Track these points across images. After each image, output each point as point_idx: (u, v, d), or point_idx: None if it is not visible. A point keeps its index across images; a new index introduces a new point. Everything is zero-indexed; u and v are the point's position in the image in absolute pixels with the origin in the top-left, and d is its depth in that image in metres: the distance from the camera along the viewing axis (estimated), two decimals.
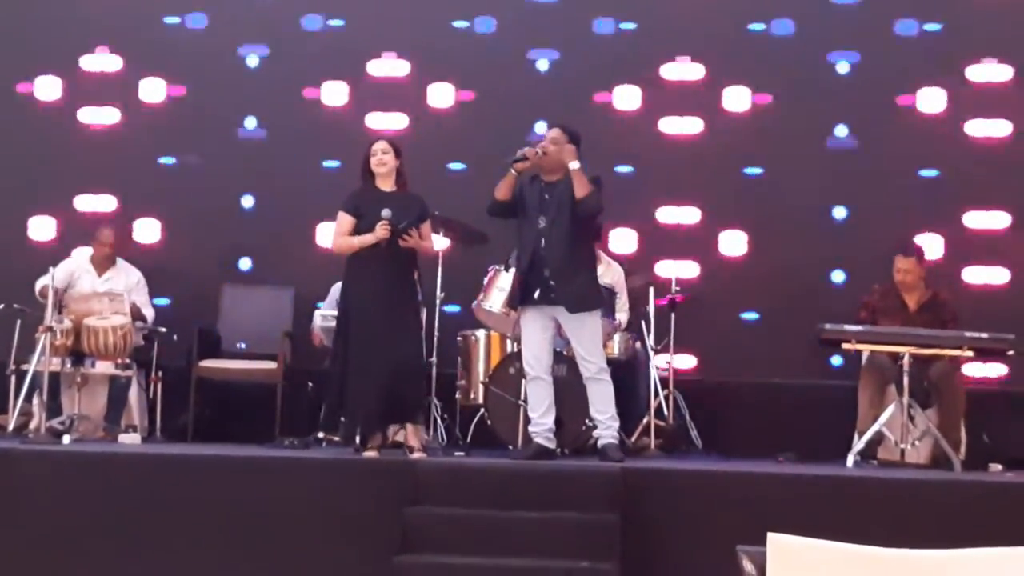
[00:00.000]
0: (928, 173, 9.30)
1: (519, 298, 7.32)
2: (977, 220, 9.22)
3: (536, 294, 7.21)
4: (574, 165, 7.13)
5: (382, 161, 7.38)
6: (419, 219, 7.36)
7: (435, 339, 8.23)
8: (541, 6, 9.76)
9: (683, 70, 9.58)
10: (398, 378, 7.14)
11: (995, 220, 9.21)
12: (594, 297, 7.34)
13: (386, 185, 7.41)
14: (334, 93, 9.80)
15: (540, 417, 7.27)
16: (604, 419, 7.24)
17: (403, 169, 7.44)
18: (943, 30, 9.42)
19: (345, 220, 7.35)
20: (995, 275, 9.18)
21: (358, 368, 7.16)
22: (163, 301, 9.43)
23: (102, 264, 8.92)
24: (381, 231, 7.18)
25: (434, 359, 8.18)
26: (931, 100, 9.35)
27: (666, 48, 9.61)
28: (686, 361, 9.16)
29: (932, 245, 8.98)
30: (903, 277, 8.02)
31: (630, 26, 9.67)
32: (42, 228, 9.78)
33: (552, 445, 7.30)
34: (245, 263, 9.76)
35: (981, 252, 9.19)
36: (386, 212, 7.20)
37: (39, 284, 8.41)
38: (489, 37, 9.78)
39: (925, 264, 8.11)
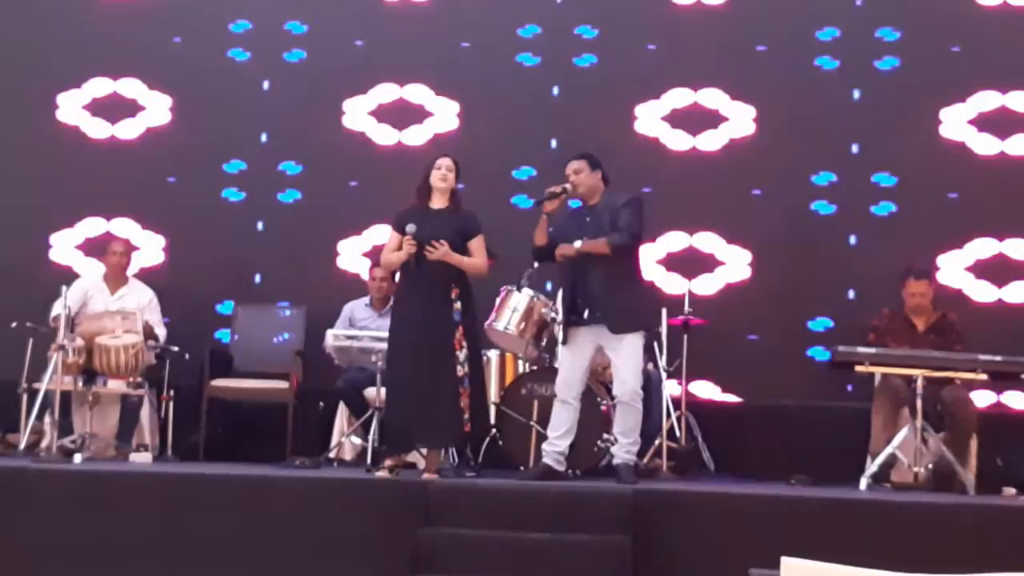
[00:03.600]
0: (943, 195, 9.28)
1: (568, 323, 7.31)
2: (988, 244, 9.22)
3: (586, 313, 7.25)
4: (576, 245, 7.17)
5: (445, 177, 7.34)
6: (460, 234, 7.27)
7: None
8: (552, 25, 9.79)
9: (695, 91, 9.59)
10: (428, 401, 7.09)
11: (1008, 245, 9.21)
12: (637, 317, 7.33)
13: (438, 203, 7.35)
14: (351, 113, 9.81)
15: (557, 438, 7.28)
16: (625, 442, 7.24)
17: (456, 189, 7.42)
18: (962, 52, 9.40)
19: (393, 237, 7.37)
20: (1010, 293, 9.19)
21: (391, 389, 7.20)
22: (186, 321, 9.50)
23: (115, 282, 8.94)
24: (407, 246, 7.17)
25: None
26: (945, 122, 9.35)
27: (678, 69, 9.62)
28: (699, 384, 9.12)
29: (946, 267, 8.99)
30: (918, 301, 8.01)
31: (648, 47, 9.69)
32: (54, 247, 9.80)
33: (561, 468, 7.31)
34: (258, 282, 9.76)
35: (990, 275, 9.18)
36: (410, 227, 7.17)
37: (52, 311, 8.43)
38: (501, 56, 9.79)
39: (935, 286, 8.10)
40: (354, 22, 9.95)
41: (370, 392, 8.14)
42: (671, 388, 8.39)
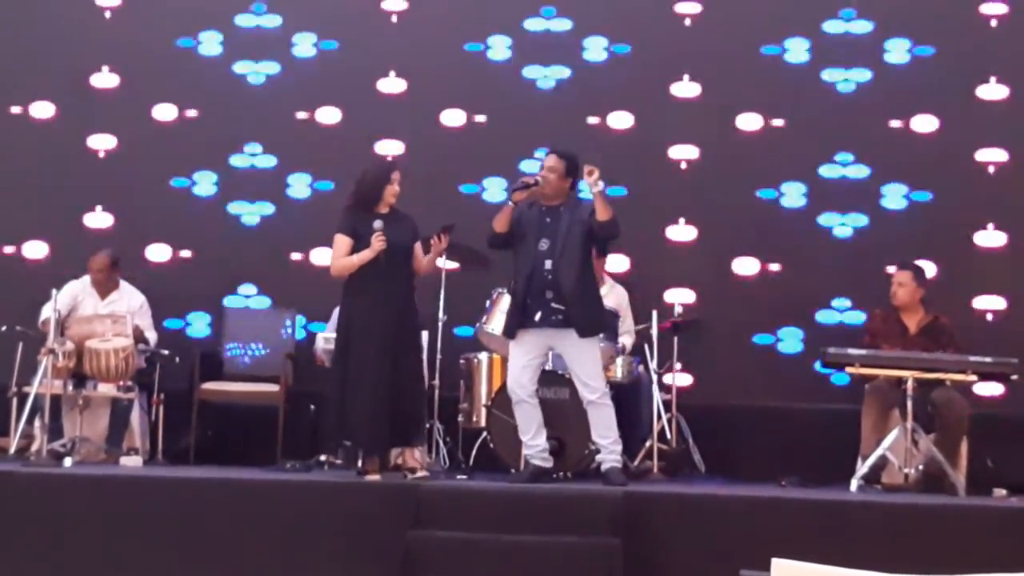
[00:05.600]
0: (931, 196, 9.31)
1: (516, 322, 7.27)
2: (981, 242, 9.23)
3: (537, 316, 7.20)
4: (599, 186, 7.10)
5: (398, 192, 7.40)
6: (414, 236, 7.40)
7: (438, 361, 8.23)
8: (541, 30, 9.79)
9: (684, 92, 9.59)
10: (401, 400, 7.15)
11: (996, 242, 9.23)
12: (603, 322, 7.42)
13: (383, 208, 7.41)
14: (337, 115, 9.81)
15: (531, 439, 7.27)
16: (607, 444, 7.21)
17: None
18: (942, 53, 9.43)
19: (344, 242, 7.32)
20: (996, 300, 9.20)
21: (362, 389, 7.13)
22: (177, 324, 9.50)
23: (104, 287, 8.90)
24: (377, 243, 7.17)
25: (436, 381, 8.18)
26: (931, 122, 9.36)
27: (668, 71, 9.63)
28: (688, 384, 9.12)
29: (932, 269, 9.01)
30: (896, 289, 8.02)
31: (628, 49, 9.69)
32: (44, 250, 9.78)
33: (548, 464, 7.31)
34: (248, 286, 9.74)
35: (985, 276, 9.19)
36: (377, 223, 7.20)
37: (42, 315, 8.40)
38: (490, 59, 9.80)
39: (923, 284, 8.09)
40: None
41: None
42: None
